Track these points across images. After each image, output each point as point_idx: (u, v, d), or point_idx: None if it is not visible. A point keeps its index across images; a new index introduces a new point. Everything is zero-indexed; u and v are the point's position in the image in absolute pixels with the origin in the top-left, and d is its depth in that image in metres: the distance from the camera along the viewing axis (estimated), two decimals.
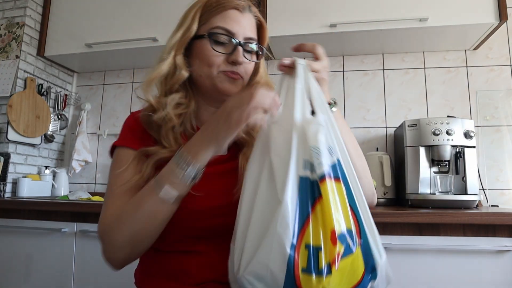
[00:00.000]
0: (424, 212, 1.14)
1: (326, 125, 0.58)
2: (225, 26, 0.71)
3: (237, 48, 0.70)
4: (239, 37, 0.71)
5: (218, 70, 0.71)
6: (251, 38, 0.73)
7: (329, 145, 0.57)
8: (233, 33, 0.71)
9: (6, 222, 1.46)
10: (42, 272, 1.40)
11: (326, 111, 0.61)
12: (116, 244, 0.64)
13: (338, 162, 0.57)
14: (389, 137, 1.83)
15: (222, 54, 0.70)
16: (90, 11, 1.91)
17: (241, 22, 0.72)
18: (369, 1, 1.59)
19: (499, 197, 1.66)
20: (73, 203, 1.42)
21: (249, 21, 0.73)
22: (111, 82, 2.21)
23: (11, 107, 1.79)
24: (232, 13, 0.72)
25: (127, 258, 0.66)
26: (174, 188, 0.60)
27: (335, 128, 0.60)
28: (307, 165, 0.54)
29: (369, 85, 1.89)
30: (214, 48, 0.70)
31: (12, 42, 1.90)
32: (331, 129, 0.59)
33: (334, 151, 0.57)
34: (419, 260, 1.14)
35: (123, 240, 0.63)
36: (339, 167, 0.56)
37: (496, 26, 1.54)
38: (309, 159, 0.54)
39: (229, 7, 0.72)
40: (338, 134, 0.60)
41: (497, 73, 1.76)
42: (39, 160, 2.00)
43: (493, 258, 1.11)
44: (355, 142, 0.74)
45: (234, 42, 0.70)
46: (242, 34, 0.71)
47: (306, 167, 0.54)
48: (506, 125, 1.72)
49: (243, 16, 0.72)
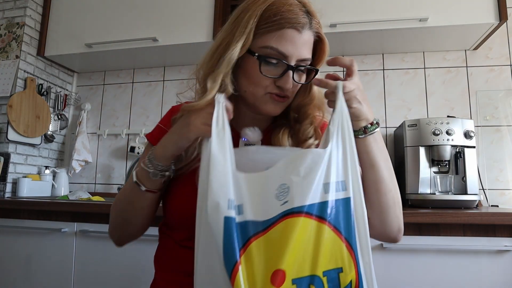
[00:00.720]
0: (424, 212, 1.14)
1: (328, 159, 0.54)
2: (279, 48, 0.64)
3: (287, 73, 0.65)
4: (292, 59, 0.65)
5: (265, 91, 0.67)
6: (305, 59, 0.67)
7: (327, 182, 0.52)
8: (287, 56, 0.65)
9: (6, 222, 1.46)
10: (42, 272, 1.40)
11: (345, 140, 0.56)
12: (111, 224, 0.77)
13: (336, 201, 0.52)
14: (389, 137, 1.83)
15: (270, 78, 0.66)
16: (90, 11, 1.91)
17: (297, 43, 0.65)
18: (369, 1, 1.59)
19: (499, 197, 1.66)
20: (73, 203, 1.42)
21: (306, 41, 0.66)
22: (111, 82, 2.21)
23: (11, 107, 1.79)
24: (290, 33, 0.64)
25: (120, 237, 0.78)
26: (143, 184, 0.69)
27: (347, 161, 0.55)
28: (231, 204, 0.51)
29: (369, 85, 1.89)
30: (262, 72, 0.65)
31: (12, 42, 1.90)
32: (341, 163, 0.55)
33: (332, 188, 0.52)
34: (419, 260, 1.14)
35: (113, 221, 0.76)
36: (334, 206, 0.52)
37: (496, 26, 1.54)
38: (235, 200, 0.51)
39: (287, 26, 0.64)
40: (350, 168, 0.55)
41: (497, 73, 1.76)
42: (39, 160, 2.00)
43: (493, 258, 1.11)
44: (389, 171, 0.66)
45: (285, 66, 0.65)
46: (297, 56, 0.65)
47: (230, 207, 0.50)
48: (506, 125, 1.72)
49: (301, 36, 0.65)
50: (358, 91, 0.61)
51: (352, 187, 0.54)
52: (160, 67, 2.14)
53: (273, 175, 0.54)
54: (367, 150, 0.63)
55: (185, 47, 1.82)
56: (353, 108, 0.61)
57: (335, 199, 0.52)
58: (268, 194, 0.52)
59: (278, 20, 0.64)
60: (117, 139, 2.13)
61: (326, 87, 0.61)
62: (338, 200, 0.52)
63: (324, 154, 0.54)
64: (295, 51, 0.65)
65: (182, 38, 1.77)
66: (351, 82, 0.60)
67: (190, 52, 1.89)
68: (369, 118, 0.63)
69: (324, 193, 0.52)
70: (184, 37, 1.77)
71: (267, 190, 0.53)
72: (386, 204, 0.65)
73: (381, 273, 1.15)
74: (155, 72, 2.15)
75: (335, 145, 0.55)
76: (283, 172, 0.53)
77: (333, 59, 0.63)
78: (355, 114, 0.61)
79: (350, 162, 0.55)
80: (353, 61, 0.62)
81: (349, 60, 0.62)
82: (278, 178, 0.53)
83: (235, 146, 0.61)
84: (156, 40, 1.78)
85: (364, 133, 0.63)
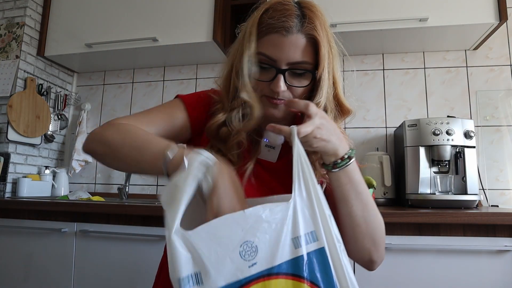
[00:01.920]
0: (424, 212, 1.14)
1: (292, 212, 0.50)
2: (266, 52, 0.67)
3: (277, 77, 0.66)
4: (281, 63, 0.66)
5: (262, 94, 0.69)
6: (298, 62, 0.67)
7: (295, 236, 0.49)
8: (275, 60, 0.66)
9: (6, 222, 1.46)
10: (42, 272, 1.40)
11: (308, 187, 0.53)
12: (101, 139, 0.68)
13: (309, 254, 0.49)
14: (389, 137, 1.83)
15: (264, 81, 0.68)
16: (90, 11, 1.91)
17: (283, 47, 0.66)
18: (369, 1, 1.59)
19: (499, 197, 1.66)
20: (73, 203, 1.42)
21: (295, 44, 0.66)
22: (111, 82, 2.21)
23: (11, 107, 1.79)
24: (275, 37, 0.66)
25: (97, 156, 0.69)
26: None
27: (314, 208, 0.52)
28: (184, 283, 0.45)
29: (369, 85, 1.89)
30: (254, 76, 0.68)
31: (12, 42, 1.90)
32: (307, 212, 0.51)
33: (302, 242, 0.49)
34: (419, 260, 1.14)
35: (106, 140, 0.67)
36: (307, 260, 0.48)
37: (496, 26, 1.54)
38: (199, 270, 0.45)
39: (272, 31, 0.66)
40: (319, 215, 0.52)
41: (497, 73, 1.76)
42: (39, 160, 2.00)
43: (493, 258, 1.11)
44: (362, 205, 0.65)
45: (274, 70, 0.67)
46: (286, 59, 0.66)
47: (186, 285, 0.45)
48: (506, 125, 1.72)
49: (287, 39, 0.66)
50: (319, 130, 0.59)
51: (325, 235, 0.51)
52: (160, 67, 2.14)
53: (235, 228, 0.48)
54: (338, 184, 0.63)
55: (185, 47, 1.82)
56: (316, 147, 0.60)
57: (307, 252, 0.49)
58: (229, 252, 0.46)
59: (266, 26, 0.67)
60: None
61: (280, 133, 0.59)
62: (310, 252, 0.49)
63: (288, 207, 0.50)
64: (282, 54, 0.66)
65: (182, 38, 1.77)
66: (307, 125, 0.58)
67: (190, 52, 1.89)
68: (338, 153, 0.62)
69: (295, 248, 0.48)
70: (184, 37, 1.77)
71: (228, 246, 0.47)
72: (354, 237, 0.64)
73: (381, 273, 1.15)
74: (155, 72, 2.15)
75: (298, 195, 0.51)
76: (245, 225, 0.48)
77: (289, 102, 0.63)
78: (321, 151, 0.61)
79: (318, 209, 0.52)
80: (309, 105, 0.60)
81: (303, 104, 0.60)
82: (239, 232, 0.47)
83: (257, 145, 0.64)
84: (156, 40, 1.78)
85: (333, 168, 0.62)
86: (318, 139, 0.60)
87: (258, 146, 0.74)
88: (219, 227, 0.48)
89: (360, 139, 1.85)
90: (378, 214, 0.67)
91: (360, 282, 0.53)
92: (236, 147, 0.70)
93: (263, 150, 0.74)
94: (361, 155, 1.71)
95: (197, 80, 2.08)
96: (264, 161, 0.74)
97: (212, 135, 0.72)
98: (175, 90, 2.09)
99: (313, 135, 0.59)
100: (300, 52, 0.67)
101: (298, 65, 0.67)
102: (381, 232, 0.67)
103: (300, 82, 0.69)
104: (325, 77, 0.68)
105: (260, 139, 0.74)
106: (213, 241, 0.46)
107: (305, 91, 0.70)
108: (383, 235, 0.67)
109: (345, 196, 0.63)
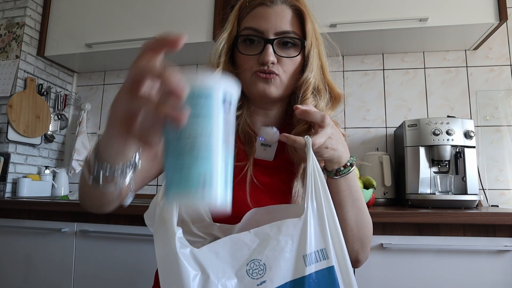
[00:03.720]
0: (424, 212, 1.14)
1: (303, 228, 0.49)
2: (252, 25, 0.67)
3: (266, 47, 0.66)
4: (268, 34, 0.66)
5: (251, 72, 0.68)
6: (285, 32, 0.67)
7: (305, 253, 0.48)
8: (261, 31, 0.67)
9: (6, 222, 1.46)
10: (42, 272, 1.40)
11: (321, 203, 0.52)
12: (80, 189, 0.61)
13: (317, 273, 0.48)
14: (389, 137, 1.83)
15: (252, 55, 0.67)
16: (90, 11, 1.91)
17: (269, 17, 0.67)
18: (369, 1, 1.59)
19: (499, 197, 1.66)
20: (73, 203, 1.42)
21: (281, 14, 0.67)
22: (111, 82, 2.21)
23: (11, 107, 1.79)
24: (260, 10, 0.68)
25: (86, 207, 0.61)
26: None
27: (325, 226, 0.50)
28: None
29: (369, 85, 1.89)
30: (241, 52, 0.68)
31: (12, 42, 1.90)
32: (318, 229, 0.50)
33: (311, 259, 0.48)
34: (419, 260, 1.14)
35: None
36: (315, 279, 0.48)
37: (496, 26, 1.54)
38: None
39: (255, 5, 0.68)
40: (330, 232, 0.51)
41: (497, 73, 1.76)
42: (39, 160, 2.00)
43: (493, 258, 1.11)
44: (357, 211, 0.65)
45: (262, 41, 0.67)
46: (273, 29, 0.66)
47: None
48: (506, 125, 1.72)
49: (272, 9, 0.67)
50: (330, 140, 0.60)
51: (335, 253, 0.50)
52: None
53: (240, 247, 0.46)
54: (337, 191, 0.64)
55: (185, 47, 1.78)
56: (326, 157, 0.61)
57: (316, 271, 0.48)
58: (236, 271, 0.45)
59: (250, 2, 0.68)
60: None
61: (294, 145, 0.58)
62: (319, 271, 0.48)
63: (299, 224, 0.48)
64: (268, 24, 0.67)
65: None
66: (321, 136, 0.58)
67: (190, 52, 1.89)
68: (342, 161, 0.63)
69: (305, 266, 0.47)
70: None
71: (234, 265, 0.45)
72: (345, 240, 0.63)
73: (381, 273, 1.15)
74: None
75: (310, 212, 0.50)
76: (252, 244, 0.47)
77: (304, 113, 0.60)
78: (327, 159, 0.62)
79: (329, 227, 0.51)
80: (325, 117, 0.59)
81: (320, 116, 0.59)
82: (246, 251, 0.46)
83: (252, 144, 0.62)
84: None
85: (335, 175, 0.63)
86: (329, 149, 0.60)
87: (253, 145, 0.72)
88: (225, 247, 0.47)
89: (360, 139, 1.85)
90: (369, 218, 0.69)
91: (360, 282, 0.53)
92: None
93: (259, 149, 0.72)
94: (361, 155, 1.71)
95: None
96: (260, 161, 0.73)
97: None
98: None
99: (325, 146, 0.59)
100: (287, 22, 0.68)
101: (286, 35, 0.67)
102: (370, 235, 0.69)
103: (289, 53, 0.69)
104: (314, 53, 0.69)
105: (255, 137, 0.73)
106: (221, 260, 0.45)
107: (294, 65, 0.69)
108: (371, 237, 0.69)
109: (342, 202, 0.64)
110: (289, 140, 0.57)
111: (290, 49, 0.69)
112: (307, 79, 0.68)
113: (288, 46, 0.68)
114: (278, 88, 0.69)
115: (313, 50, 0.69)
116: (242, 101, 0.72)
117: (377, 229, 1.16)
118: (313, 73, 0.69)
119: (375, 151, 1.68)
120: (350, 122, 1.87)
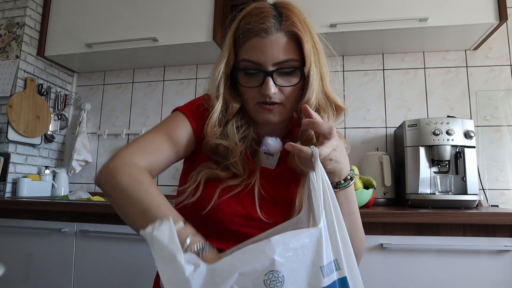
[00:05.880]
0: (424, 212, 1.14)
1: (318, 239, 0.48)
2: (250, 58, 0.67)
3: (266, 80, 0.66)
4: (267, 66, 0.66)
5: (254, 102, 0.69)
6: (284, 61, 0.66)
7: (322, 264, 0.47)
8: (260, 63, 0.66)
9: (6, 222, 1.46)
10: (42, 272, 1.40)
11: (331, 213, 0.52)
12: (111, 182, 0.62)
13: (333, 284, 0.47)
14: (389, 137, 1.83)
15: (253, 88, 0.68)
16: (90, 11, 1.91)
17: (265, 48, 0.65)
18: (369, 1, 1.59)
19: (499, 197, 1.66)
20: (73, 203, 1.42)
21: (277, 43, 0.66)
22: (111, 82, 2.21)
23: (11, 107, 1.79)
24: (255, 41, 0.66)
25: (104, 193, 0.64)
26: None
27: (336, 236, 0.50)
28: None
29: (369, 85, 1.89)
30: (242, 84, 0.68)
31: (12, 42, 1.90)
32: (329, 240, 0.49)
33: (327, 270, 0.47)
34: (419, 260, 1.14)
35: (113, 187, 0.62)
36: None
37: (496, 26, 1.54)
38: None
39: (251, 36, 0.66)
40: (341, 243, 0.51)
41: (497, 73, 1.76)
42: (39, 160, 2.00)
43: (493, 258, 1.11)
44: (352, 224, 0.66)
45: (261, 73, 0.66)
46: (271, 60, 0.66)
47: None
48: (506, 125, 1.72)
49: (268, 40, 0.65)
50: (334, 152, 0.60)
51: (347, 264, 0.50)
52: (160, 67, 2.14)
53: (259, 257, 0.45)
54: None
55: (185, 47, 1.82)
56: (329, 169, 0.61)
57: (331, 283, 0.47)
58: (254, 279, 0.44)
59: (245, 32, 0.67)
60: (117, 139, 2.13)
61: (300, 154, 0.57)
62: (333, 282, 0.47)
63: (315, 234, 0.48)
64: (266, 56, 0.66)
65: (182, 38, 1.77)
66: (327, 147, 0.58)
67: (190, 52, 1.89)
68: (342, 174, 0.63)
69: (323, 278, 0.46)
70: (184, 37, 1.77)
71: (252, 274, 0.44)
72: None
73: (381, 273, 1.15)
74: (155, 72, 2.15)
75: (324, 222, 0.50)
76: (271, 254, 0.45)
77: (311, 124, 0.60)
78: (329, 171, 0.62)
79: (340, 237, 0.51)
80: (332, 128, 0.59)
81: (328, 127, 0.59)
82: (265, 261, 0.44)
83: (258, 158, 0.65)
84: (156, 40, 1.78)
85: (335, 188, 0.63)
86: (333, 161, 0.60)
87: (258, 155, 0.74)
88: (243, 257, 0.45)
89: (360, 139, 1.85)
90: (363, 232, 0.70)
91: None
92: (239, 160, 0.70)
93: (262, 157, 0.75)
94: (361, 155, 1.72)
95: (197, 80, 2.08)
96: (263, 169, 0.74)
97: (210, 152, 0.71)
98: (175, 90, 2.09)
99: (329, 157, 0.59)
100: (284, 50, 0.66)
101: (284, 64, 0.67)
102: (363, 248, 0.70)
103: (290, 81, 0.68)
104: (314, 72, 0.68)
105: (259, 148, 0.75)
106: (237, 271, 0.44)
107: (296, 90, 0.69)
108: (363, 251, 0.71)
109: None
110: (295, 150, 0.57)
111: (291, 76, 0.68)
112: (308, 100, 0.68)
113: (288, 74, 0.68)
114: (282, 114, 0.70)
115: (313, 70, 0.68)
116: (247, 121, 0.73)
117: (377, 229, 1.16)
118: (315, 93, 0.69)
119: (375, 151, 1.68)
120: (350, 122, 1.87)
